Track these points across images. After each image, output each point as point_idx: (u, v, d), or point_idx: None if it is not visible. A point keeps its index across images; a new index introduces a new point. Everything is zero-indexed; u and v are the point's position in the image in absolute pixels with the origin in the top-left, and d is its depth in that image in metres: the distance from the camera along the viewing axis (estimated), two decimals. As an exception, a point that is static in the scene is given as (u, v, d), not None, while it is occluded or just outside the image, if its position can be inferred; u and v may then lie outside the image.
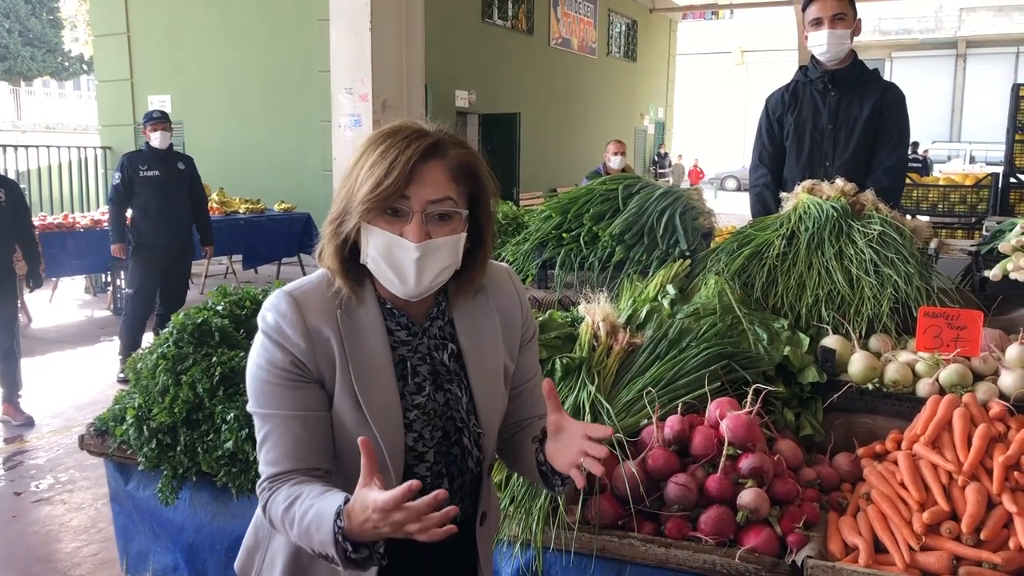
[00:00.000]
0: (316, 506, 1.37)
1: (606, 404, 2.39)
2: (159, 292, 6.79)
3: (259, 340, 1.52)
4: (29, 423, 5.76)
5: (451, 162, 1.48)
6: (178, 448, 2.57)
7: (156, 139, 6.62)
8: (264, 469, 1.51)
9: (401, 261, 1.46)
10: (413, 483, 1.24)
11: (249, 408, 1.54)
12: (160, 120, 6.67)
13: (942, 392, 2.48)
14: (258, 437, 1.52)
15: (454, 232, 1.49)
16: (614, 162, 8.07)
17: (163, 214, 6.63)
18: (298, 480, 1.47)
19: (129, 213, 6.75)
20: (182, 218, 6.83)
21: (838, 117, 3.71)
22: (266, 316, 1.51)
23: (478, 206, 1.54)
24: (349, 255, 1.52)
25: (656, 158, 27.29)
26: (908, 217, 3.34)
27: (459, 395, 1.60)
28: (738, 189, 32.18)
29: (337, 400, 1.51)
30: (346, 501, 1.31)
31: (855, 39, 3.66)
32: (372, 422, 1.50)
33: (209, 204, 8.44)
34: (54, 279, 9.95)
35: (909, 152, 4.63)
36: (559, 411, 1.49)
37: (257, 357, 1.51)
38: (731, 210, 13.88)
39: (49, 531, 4.22)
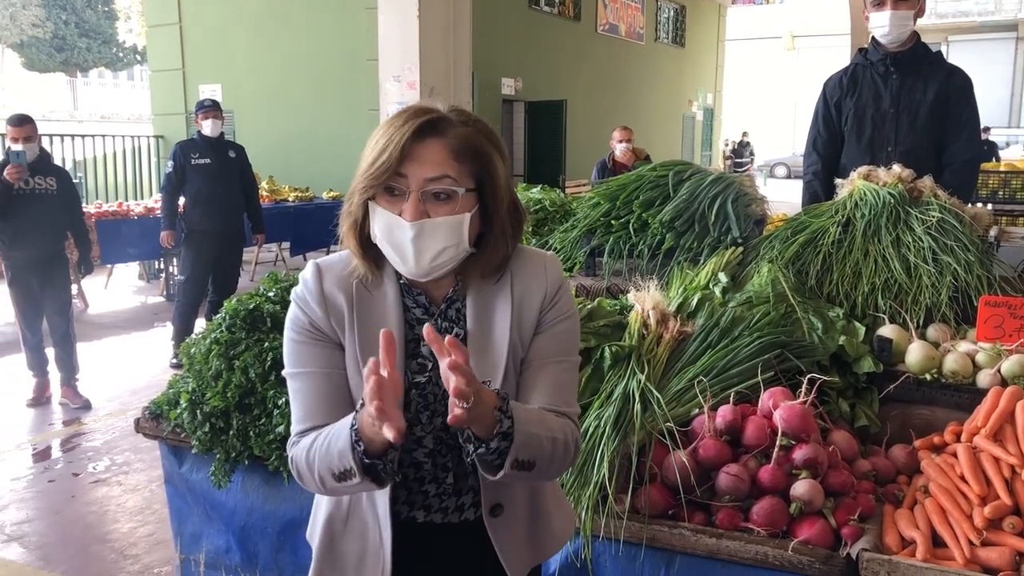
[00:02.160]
0: (337, 426, 1.45)
1: (656, 393, 2.36)
2: (211, 279, 6.89)
3: (291, 305, 1.60)
4: (87, 406, 5.91)
5: (453, 140, 1.46)
6: (231, 432, 2.60)
7: (207, 127, 6.71)
8: (293, 427, 1.56)
9: (400, 240, 1.47)
10: (387, 331, 1.31)
11: (283, 372, 1.60)
12: (211, 108, 6.75)
13: (1004, 383, 2.41)
14: (290, 400, 1.58)
15: (455, 212, 1.47)
16: (619, 150, 7.66)
17: (214, 202, 6.71)
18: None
19: (181, 201, 6.86)
20: (233, 206, 6.90)
21: (901, 101, 3.61)
22: (297, 283, 1.60)
23: (485, 187, 1.51)
24: (364, 235, 1.54)
25: (736, 147, 26.57)
26: (967, 204, 3.25)
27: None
28: (788, 176, 31.69)
29: (347, 366, 1.56)
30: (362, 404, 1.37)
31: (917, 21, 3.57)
32: None
33: (259, 192, 8.54)
34: (109, 266, 10.16)
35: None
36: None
37: (287, 320, 1.60)
38: (781, 197, 13.67)
39: (106, 511, 4.32)
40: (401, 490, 1.61)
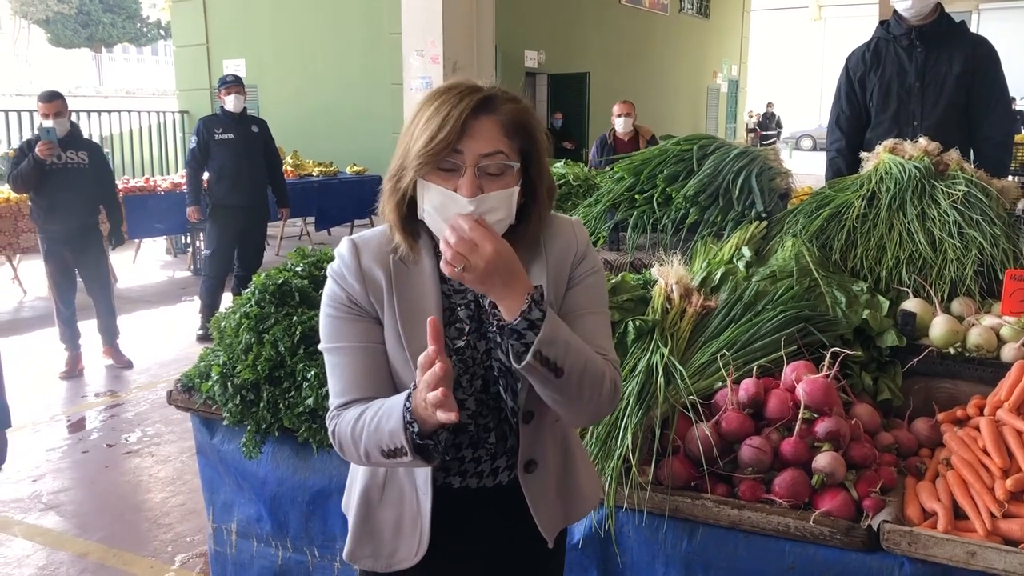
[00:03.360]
0: (387, 403, 1.48)
1: (679, 366, 2.38)
2: (237, 253, 6.96)
3: (327, 281, 1.63)
4: (129, 365, 6.22)
5: (503, 117, 1.50)
6: (261, 404, 2.65)
7: (230, 103, 6.74)
8: (332, 401, 1.60)
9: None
10: (433, 319, 1.35)
11: (320, 347, 1.63)
12: (234, 84, 6.78)
13: (1028, 358, 2.41)
14: (328, 374, 1.61)
15: (507, 186, 1.51)
16: (619, 124, 7.33)
17: (238, 176, 6.76)
18: (365, 404, 1.55)
19: (206, 176, 6.93)
20: (257, 180, 6.94)
21: (926, 75, 3.58)
22: (333, 259, 1.63)
23: (530, 161, 1.55)
24: (407, 210, 1.56)
25: (761, 118, 26.06)
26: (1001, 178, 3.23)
27: (499, 342, 1.59)
28: (814, 149, 31.33)
29: (386, 339, 1.59)
30: (415, 387, 1.40)
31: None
32: (412, 362, 1.54)
33: (284, 167, 8.59)
34: (137, 240, 10.28)
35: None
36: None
37: (324, 296, 1.62)
38: (807, 170, 13.55)
39: (140, 481, 4.42)
40: None
